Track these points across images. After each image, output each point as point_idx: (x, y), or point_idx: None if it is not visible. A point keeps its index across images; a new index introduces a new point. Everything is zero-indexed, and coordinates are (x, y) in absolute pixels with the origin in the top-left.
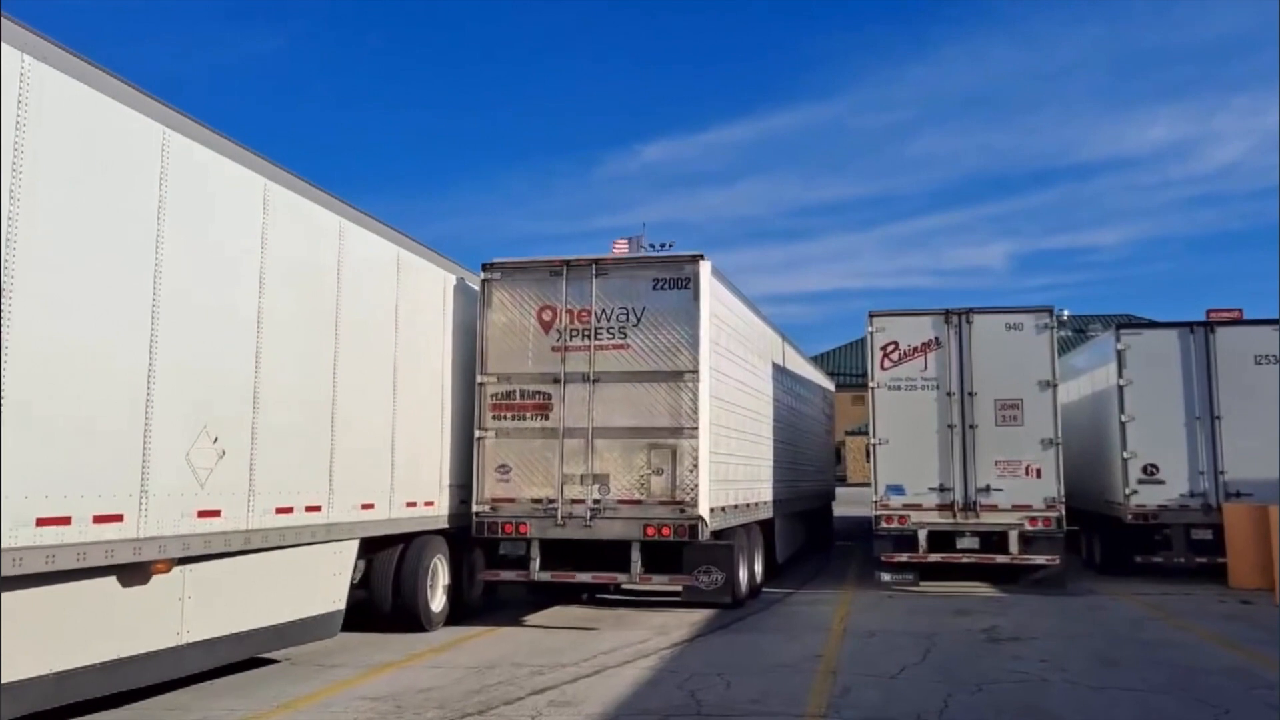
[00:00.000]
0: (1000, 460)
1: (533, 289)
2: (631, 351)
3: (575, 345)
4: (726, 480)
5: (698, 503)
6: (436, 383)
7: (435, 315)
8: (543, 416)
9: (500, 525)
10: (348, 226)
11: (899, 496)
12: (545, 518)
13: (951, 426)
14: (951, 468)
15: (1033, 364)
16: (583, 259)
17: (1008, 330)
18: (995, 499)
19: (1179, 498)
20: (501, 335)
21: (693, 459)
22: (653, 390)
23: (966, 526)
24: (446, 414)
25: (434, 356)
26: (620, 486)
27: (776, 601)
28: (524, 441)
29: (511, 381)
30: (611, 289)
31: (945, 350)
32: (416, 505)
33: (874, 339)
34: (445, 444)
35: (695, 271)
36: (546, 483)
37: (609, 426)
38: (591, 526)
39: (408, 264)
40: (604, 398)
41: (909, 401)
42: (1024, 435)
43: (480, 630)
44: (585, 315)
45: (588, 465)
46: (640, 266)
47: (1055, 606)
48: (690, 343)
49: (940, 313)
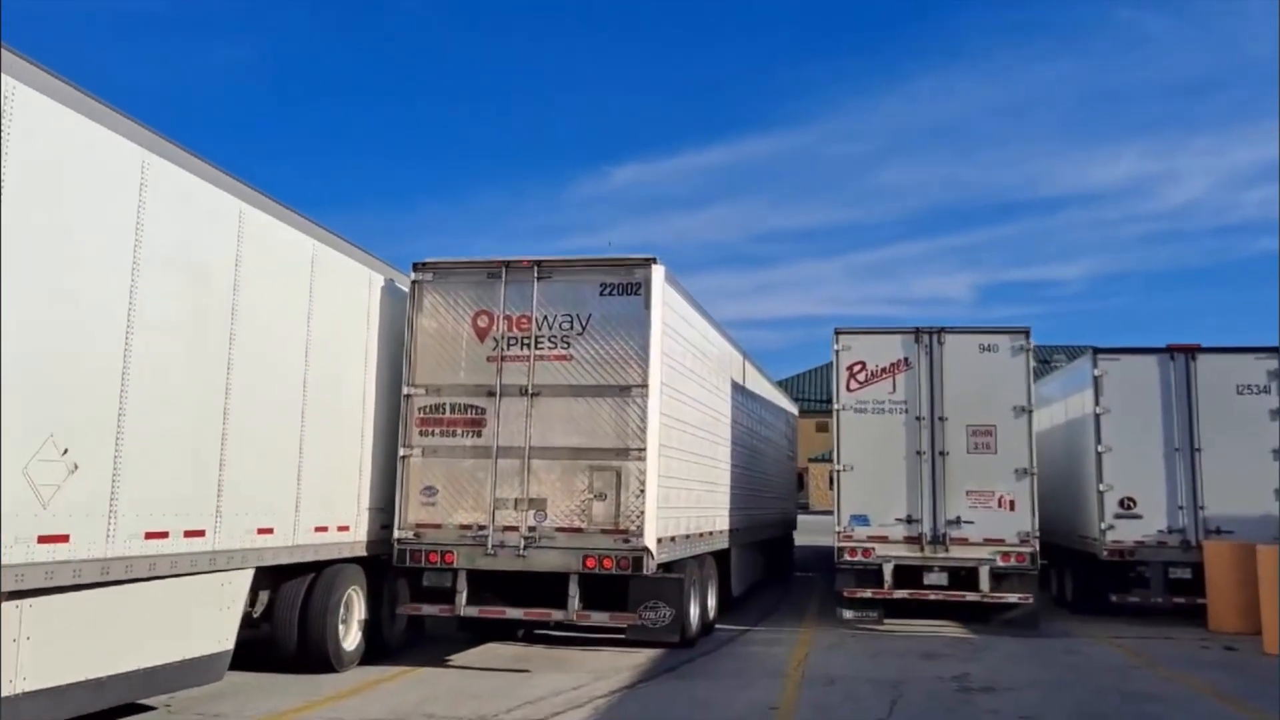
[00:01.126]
0: (972, 490)
1: (468, 292)
2: (575, 363)
3: (513, 355)
4: (677, 507)
5: (643, 532)
6: (357, 394)
7: (358, 319)
8: (475, 433)
9: (424, 554)
10: (250, 212)
11: (863, 527)
12: (474, 546)
13: (920, 453)
14: (920, 497)
15: (1007, 388)
16: (523, 260)
17: (981, 352)
18: (966, 532)
19: (1157, 534)
20: (432, 343)
21: (639, 483)
22: (597, 406)
23: (935, 561)
24: (368, 429)
25: (355, 365)
26: (559, 512)
27: (730, 640)
28: (453, 461)
29: (441, 394)
30: (555, 294)
31: (915, 371)
32: (328, 530)
33: (840, 358)
34: (365, 462)
35: (647, 276)
36: (477, 507)
37: (548, 446)
38: (526, 557)
39: (326, 260)
40: (543, 414)
41: (876, 425)
42: (997, 464)
43: (397, 671)
44: (525, 322)
45: (523, 488)
46: (587, 270)
47: (1029, 650)
48: (640, 354)
49: (910, 331)
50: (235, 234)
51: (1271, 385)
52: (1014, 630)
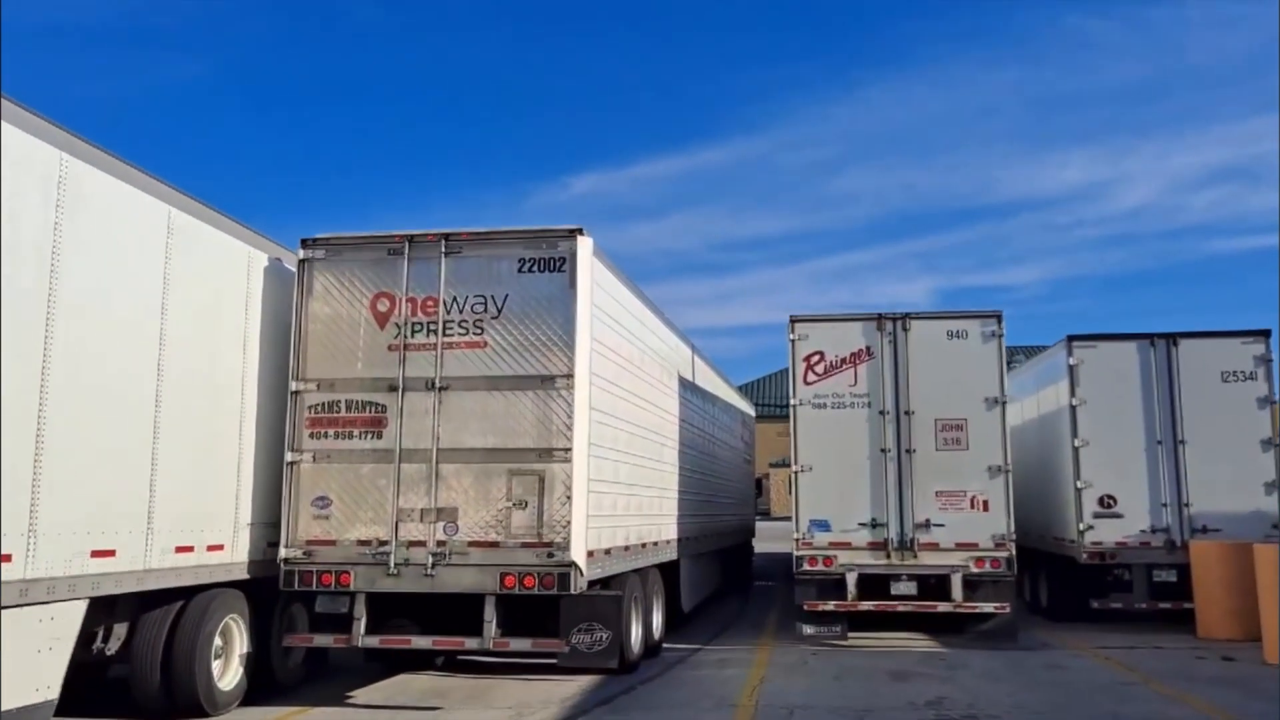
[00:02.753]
0: (941, 491)
1: (366, 272)
2: (490, 351)
3: (418, 343)
4: (612, 515)
5: (570, 544)
6: (233, 390)
7: (234, 303)
8: (374, 434)
9: (315, 575)
10: (75, 169)
11: (824, 533)
12: (375, 565)
13: (885, 451)
14: (885, 499)
15: (978, 378)
16: (429, 233)
17: (950, 339)
18: (936, 536)
19: (1139, 534)
20: (324, 331)
21: (565, 488)
22: (516, 400)
23: (903, 569)
24: (248, 431)
25: (231, 357)
26: (473, 524)
27: (678, 662)
28: (349, 467)
29: (335, 389)
30: (466, 272)
31: (878, 361)
32: (194, 550)
33: (796, 348)
34: (245, 470)
35: (571, 250)
36: (377, 520)
37: (459, 447)
38: (434, 576)
39: (187, 232)
40: (454, 410)
41: (836, 422)
42: (969, 461)
43: (286, 713)
44: (431, 305)
45: (431, 497)
46: (502, 243)
47: (1009, 666)
48: (564, 339)
49: (873, 318)
50: (53, 196)
51: (1258, 371)
52: (990, 643)
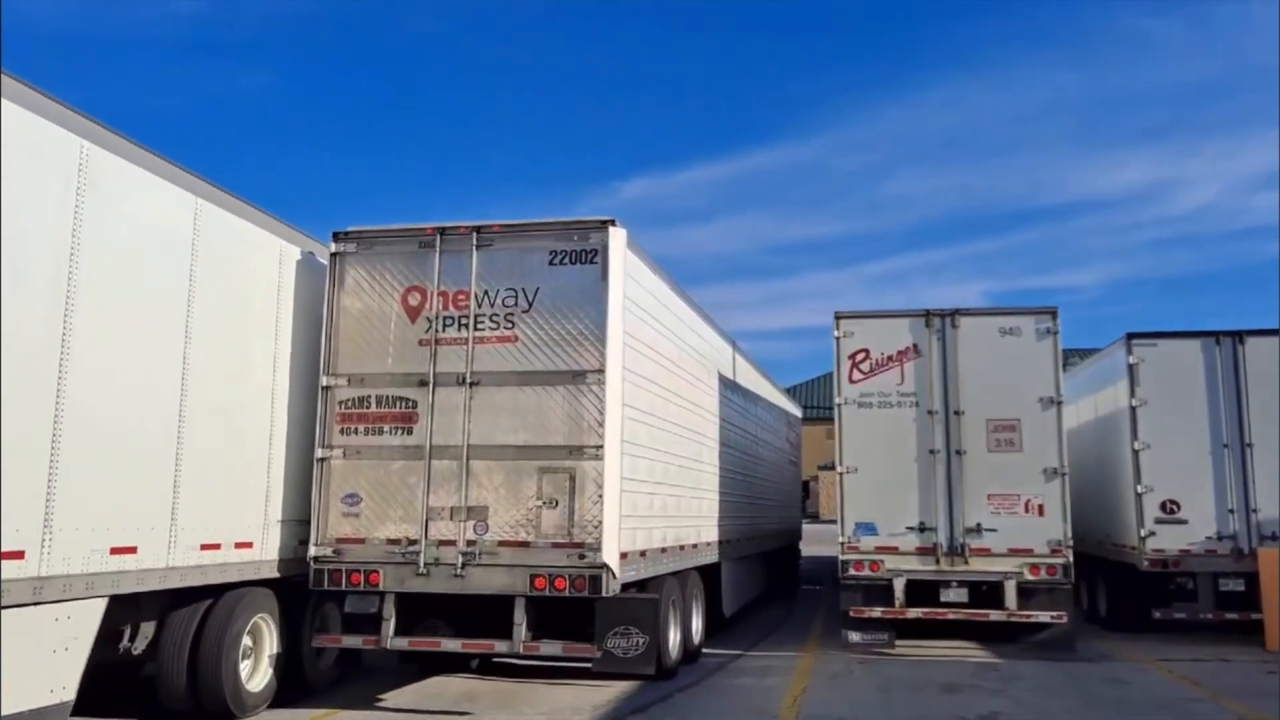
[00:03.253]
0: (994, 494)
1: (397, 265)
2: (521, 345)
3: (449, 338)
4: (648, 515)
5: (601, 545)
6: (263, 385)
7: (265, 296)
8: (405, 430)
9: (345, 574)
10: (97, 156)
11: (870, 537)
12: (404, 564)
13: (934, 452)
14: (934, 503)
15: (1032, 377)
16: (461, 226)
17: (1002, 336)
18: (988, 541)
19: (1204, 541)
20: (355, 325)
21: (597, 487)
22: (547, 396)
23: (953, 575)
24: (278, 426)
25: (261, 351)
26: (503, 523)
27: (717, 670)
28: (379, 464)
29: (366, 384)
30: (497, 265)
31: (926, 359)
32: (221, 548)
33: (841, 345)
34: (275, 466)
35: (603, 242)
36: (407, 518)
37: (490, 444)
38: (464, 576)
39: (216, 225)
40: (485, 405)
41: (882, 421)
42: (1022, 463)
43: (314, 715)
44: (463, 299)
45: (461, 495)
46: (534, 235)
47: (1068, 679)
48: (596, 333)
49: (920, 314)
50: (74, 183)
51: None
52: (1046, 653)
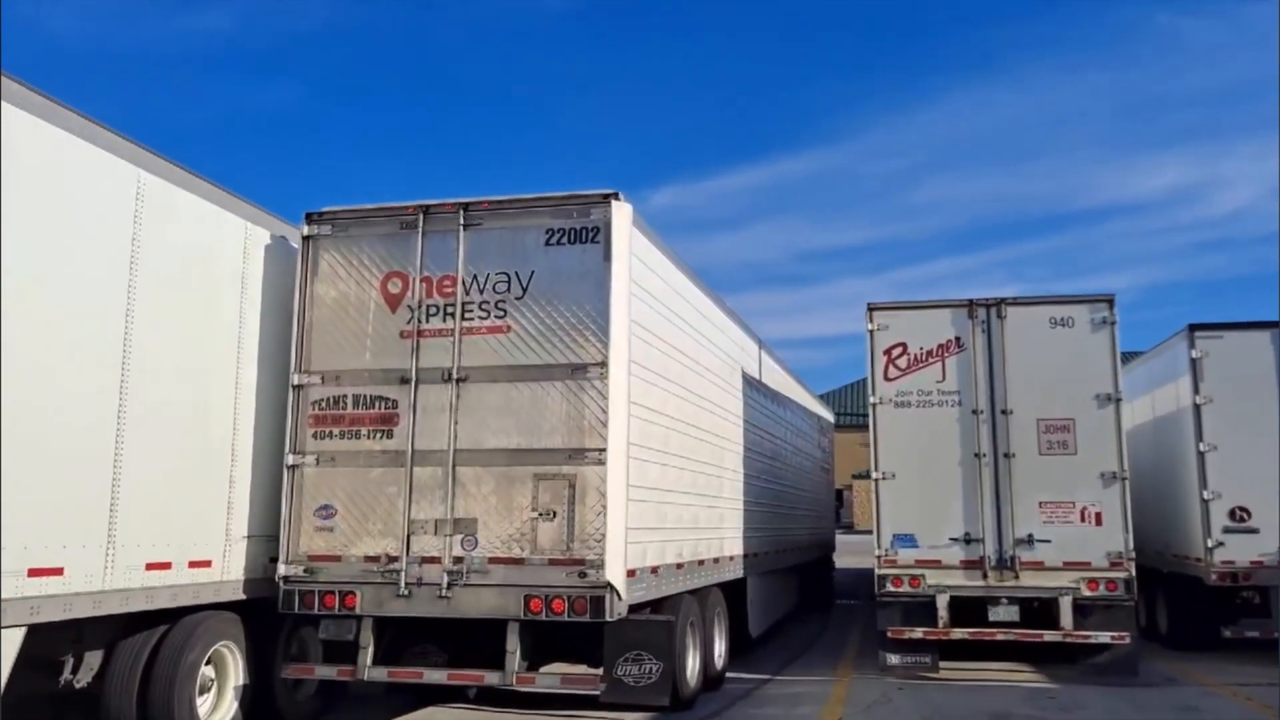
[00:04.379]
0: (1046, 501)
1: (376, 249)
2: (514, 336)
3: (433, 329)
4: (659, 528)
5: (604, 562)
6: (225, 384)
7: (227, 284)
8: (384, 434)
9: (318, 596)
10: (14, 117)
11: (910, 550)
12: (384, 584)
13: (980, 456)
14: (980, 511)
15: (1088, 372)
16: (446, 203)
17: (1053, 327)
18: (1041, 553)
19: (1278, 552)
20: (330, 316)
21: (600, 496)
22: (543, 393)
23: (1002, 591)
24: (243, 430)
25: (222, 345)
26: (494, 538)
27: (742, 698)
28: (357, 471)
29: (341, 382)
30: (487, 246)
31: (970, 354)
32: (171, 567)
33: (875, 340)
34: (240, 474)
35: (605, 218)
36: (387, 532)
37: (479, 448)
38: (450, 598)
39: (161, 198)
40: (473, 404)
41: (922, 422)
42: (1078, 467)
43: None
44: (449, 285)
45: (447, 506)
46: (527, 212)
47: (1133, 707)
48: (597, 321)
49: (963, 304)
50: None
51: None
52: (1107, 677)
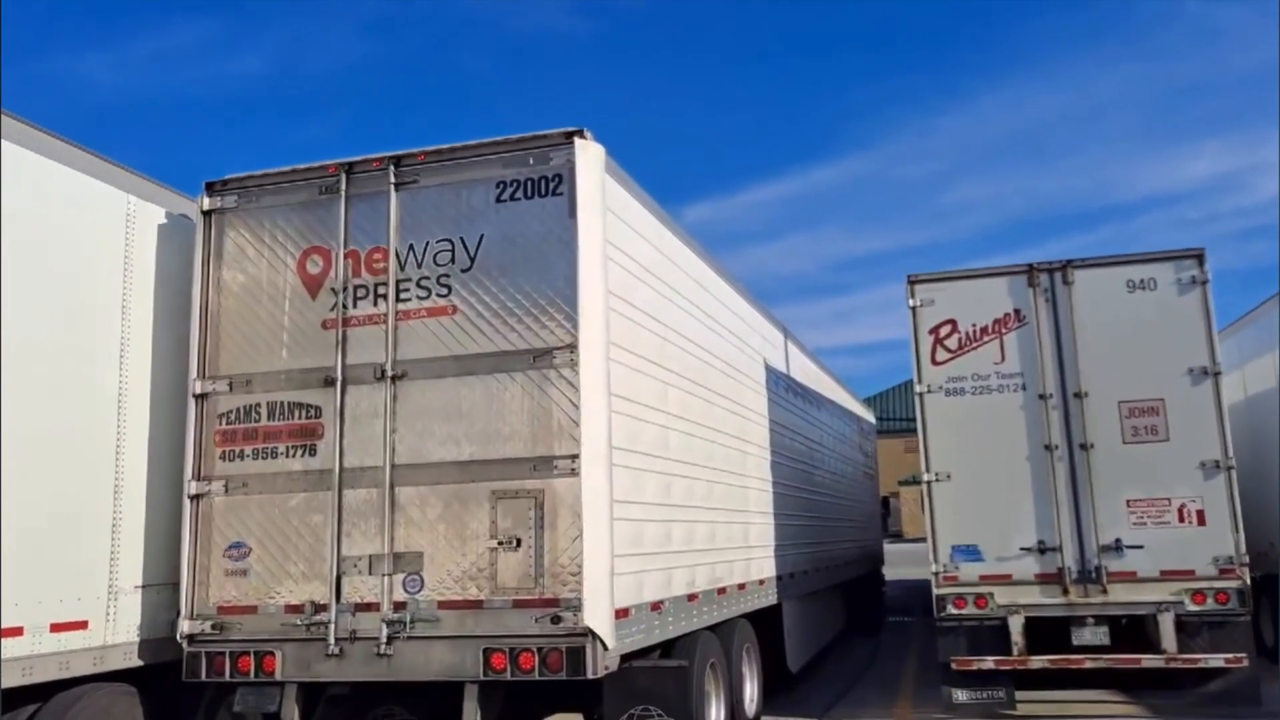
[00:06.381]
0: (1135, 499)
1: (291, 221)
2: (461, 318)
3: (362, 315)
4: (660, 552)
5: (583, 601)
6: (104, 396)
7: (105, 272)
8: (306, 450)
9: (229, 658)
10: None
11: (973, 563)
12: (309, 640)
13: (1051, 448)
14: (1056, 514)
15: (1177, 341)
16: (374, 159)
17: (1131, 291)
18: (1132, 562)
19: None
20: (239, 308)
21: (574, 515)
22: (500, 388)
23: (1088, 609)
24: (130, 454)
25: (99, 347)
26: (444, 575)
27: None
28: (274, 498)
29: (253, 388)
30: (425, 209)
31: (1032, 328)
32: (23, 634)
33: (918, 318)
34: (127, 509)
35: (568, 163)
36: (312, 573)
37: (422, 462)
38: (391, 655)
39: (16, 169)
40: (414, 408)
41: (979, 411)
42: (1171, 456)
43: None
44: (379, 259)
45: (384, 538)
46: (473, 163)
47: None
48: (563, 293)
49: (1021, 270)
50: None
51: None
52: (1223, 708)
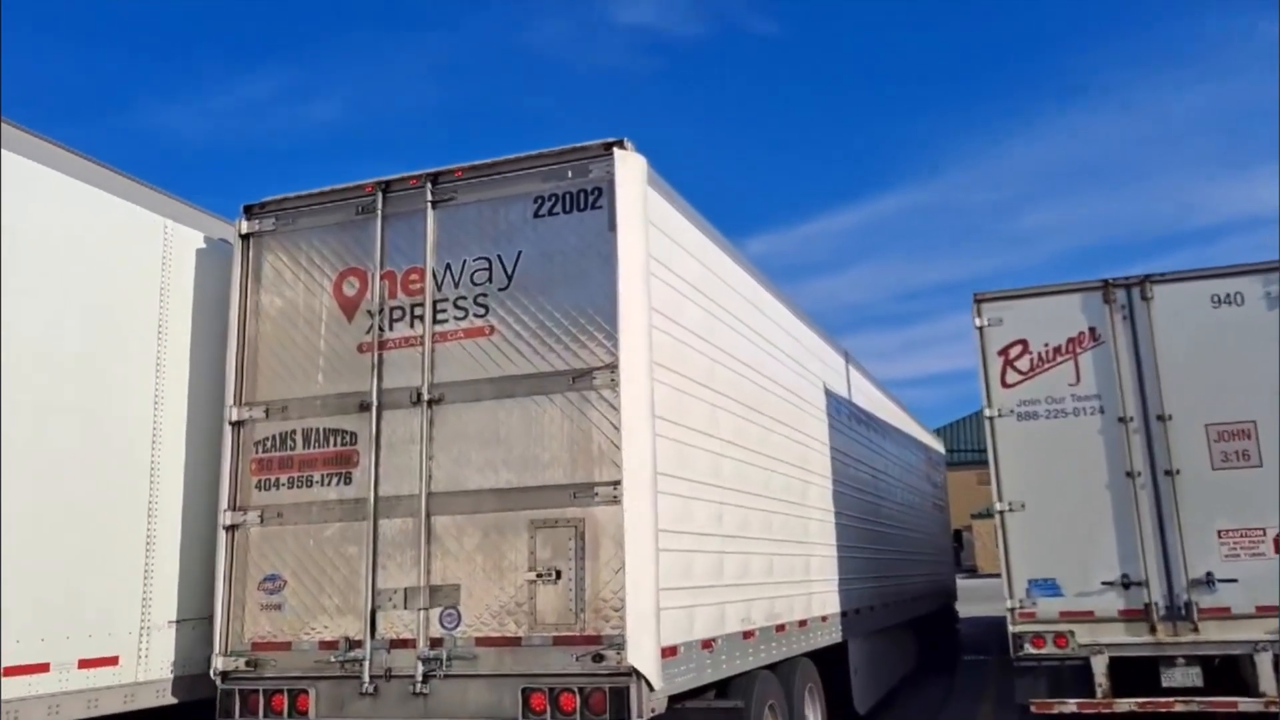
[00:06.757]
0: (1228, 529)
1: (328, 243)
2: (498, 339)
3: (398, 338)
4: (711, 585)
5: (626, 638)
6: (138, 424)
7: (141, 299)
8: (342, 478)
9: (263, 696)
10: None
11: (1053, 598)
12: (344, 679)
13: (1133, 475)
14: (1140, 546)
15: (1268, 360)
16: (411, 177)
17: (1216, 306)
18: (1225, 597)
19: None
20: (276, 332)
21: (616, 546)
22: (539, 411)
23: (1178, 648)
24: (164, 483)
25: (134, 374)
26: (482, 610)
27: None
28: (308, 529)
29: (289, 415)
30: (463, 226)
31: (1109, 347)
32: (49, 670)
33: (986, 338)
34: (161, 541)
35: (608, 175)
36: (346, 607)
37: (460, 490)
38: (428, 695)
39: (38, 190)
40: (450, 432)
41: (1055, 437)
42: (1265, 483)
43: None
44: (416, 280)
45: (420, 569)
46: (511, 179)
47: None
48: (603, 310)
49: (1096, 286)
50: None
51: None
52: None
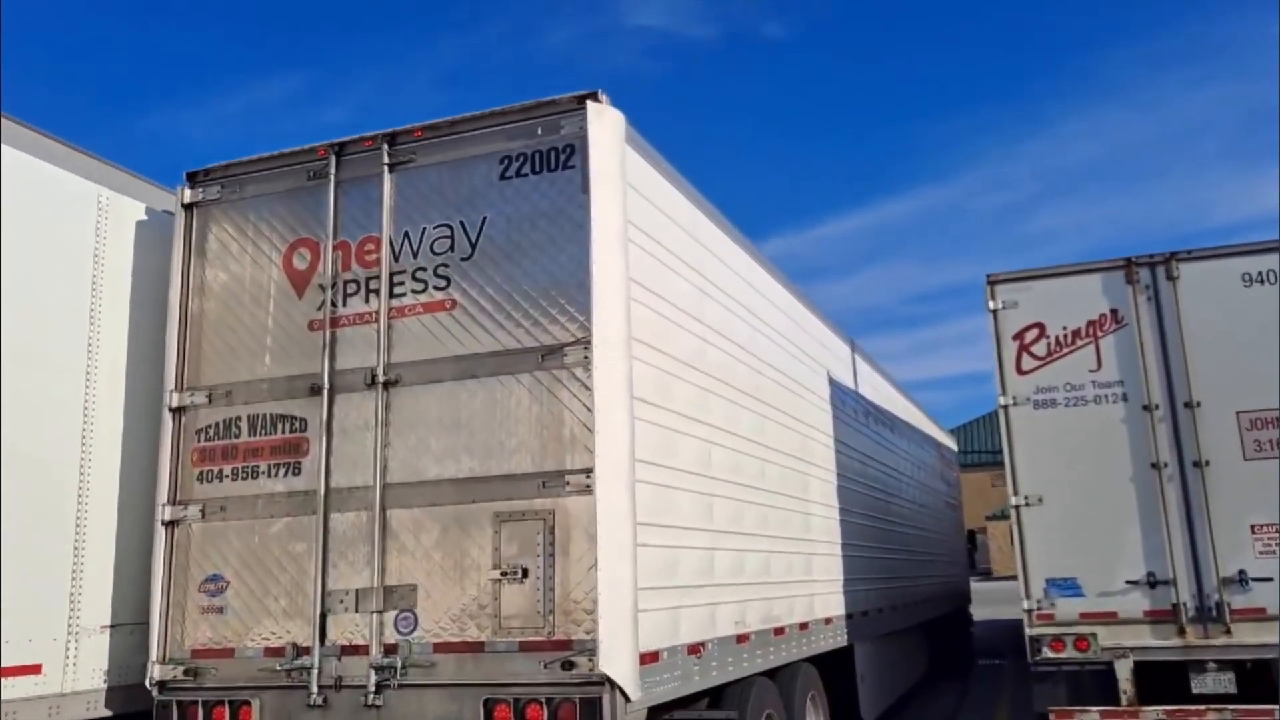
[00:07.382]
0: (1261, 524)
1: (277, 212)
2: (460, 313)
3: (352, 314)
4: (699, 585)
5: (598, 643)
6: (68, 410)
7: (73, 274)
8: (290, 469)
9: (202, 709)
10: None
11: (1073, 598)
12: (290, 689)
13: (1159, 466)
14: (1168, 543)
15: None
16: (367, 138)
17: (1248, 285)
18: (1260, 597)
19: None
20: (221, 310)
21: (589, 540)
22: (505, 392)
23: (1208, 652)
24: (97, 475)
25: (64, 357)
26: (441, 613)
27: None
28: (253, 524)
29: (234, 400)
30: (422, 191)
31: (1132, 330)
32: None
33: (1000, 322)
34: (93, 539)
35: (580, 130)
36: (294, 610)
37: (417, 480)
38: (381, 706)
39: None
40: (408, 417)
41: (1074, 426)
42: None
43: None
44: (371, 250)
45: (374, 568)
46: (475, 137)
47: None
48: (575, 279)
49: (1119, 265)
50: None
51: None
52: None
